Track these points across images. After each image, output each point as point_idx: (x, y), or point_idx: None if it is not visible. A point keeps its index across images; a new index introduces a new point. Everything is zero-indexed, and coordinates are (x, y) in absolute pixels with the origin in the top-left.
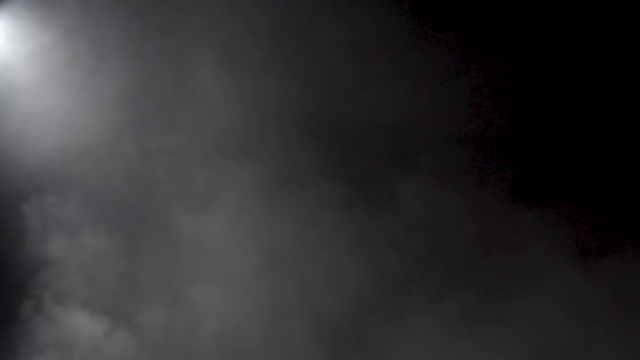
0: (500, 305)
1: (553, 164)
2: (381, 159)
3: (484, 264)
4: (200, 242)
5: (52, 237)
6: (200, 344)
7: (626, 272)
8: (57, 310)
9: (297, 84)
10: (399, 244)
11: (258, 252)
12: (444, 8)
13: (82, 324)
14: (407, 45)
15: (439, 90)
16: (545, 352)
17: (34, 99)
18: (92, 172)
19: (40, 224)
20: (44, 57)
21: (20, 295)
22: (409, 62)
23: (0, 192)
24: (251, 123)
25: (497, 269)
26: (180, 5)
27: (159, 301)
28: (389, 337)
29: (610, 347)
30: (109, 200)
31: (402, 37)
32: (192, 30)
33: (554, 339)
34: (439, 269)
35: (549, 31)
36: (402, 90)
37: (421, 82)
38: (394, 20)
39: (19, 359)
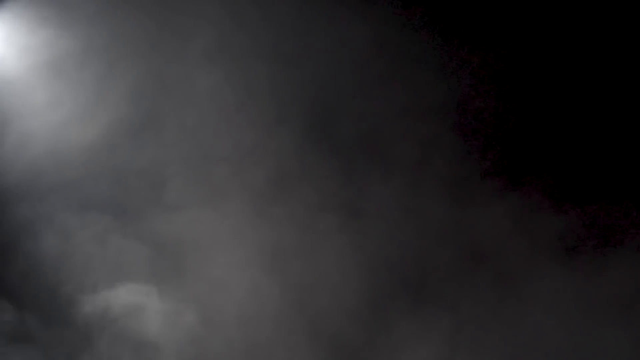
0: (493, 311)
1: (541, 162)
2: (378, 159)
3: (476, 268)
4: (198, 242)
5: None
6: (200, 344)
7: (619, 271)
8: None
9: (295, 85)
10: (394, 245)
11: (254, 252)
12: (435, 8)
13: None
14: (400, 46)
15: (433, 90)
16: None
17: (32, 97)
18: (85, 172)
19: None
20: (41, 54)
21: None
22: (403, 63)
23: None
24: (248, 124)
25: (488, 272)
26: (177, 7)
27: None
28: (383, 345)
29: (607, 348)
30: (104, 198)
31: (394, 38)
32: (189, 32)
33: (548, 343)
34: (431, 272)
35: (540, 32)
36: (397, 91)
37: (413, 82)
38: (385, 22)
39: None
